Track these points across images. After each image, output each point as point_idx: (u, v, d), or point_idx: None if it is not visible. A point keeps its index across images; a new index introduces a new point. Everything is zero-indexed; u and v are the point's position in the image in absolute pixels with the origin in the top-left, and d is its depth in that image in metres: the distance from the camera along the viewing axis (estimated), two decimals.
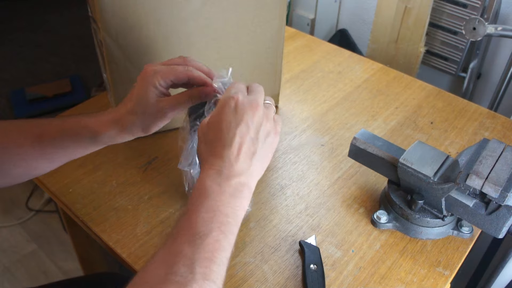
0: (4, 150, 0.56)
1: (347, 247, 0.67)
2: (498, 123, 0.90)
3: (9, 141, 0.56)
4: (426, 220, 0.66)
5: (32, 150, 0.56)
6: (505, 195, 0.56)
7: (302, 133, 0.87)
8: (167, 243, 0.44)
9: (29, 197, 1.78)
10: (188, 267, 0.41)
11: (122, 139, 0.59)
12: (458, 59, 1.30)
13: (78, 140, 0.57)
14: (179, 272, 0.41)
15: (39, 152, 0.56)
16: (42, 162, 0.58)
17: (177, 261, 0.41)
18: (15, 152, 0.56)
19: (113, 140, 0.58)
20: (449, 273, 0.64)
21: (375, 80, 1.01)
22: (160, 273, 0.41)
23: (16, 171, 0.58)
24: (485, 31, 1.01)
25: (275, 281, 0.62)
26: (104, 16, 0.67)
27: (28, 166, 0.58)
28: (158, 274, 0.41)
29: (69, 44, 1.72)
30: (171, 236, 0.45)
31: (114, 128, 0.56)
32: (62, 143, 0.57)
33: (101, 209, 0.71)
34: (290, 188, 0.76)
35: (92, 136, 0.57)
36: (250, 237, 0.68)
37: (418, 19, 1.26)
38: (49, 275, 1.54)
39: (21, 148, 0.56)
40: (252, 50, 0.81)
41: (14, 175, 0.58)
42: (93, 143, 0.58)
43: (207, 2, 0.71)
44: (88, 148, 0.59)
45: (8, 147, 0.56)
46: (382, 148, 0.69)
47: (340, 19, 1.58)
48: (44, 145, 0.56)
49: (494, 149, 0.62)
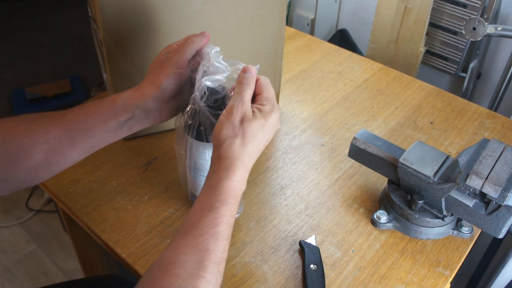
0: (30, 136, 0.53)
1: (347, 247, 0.67)
2: (498, 123, 0.90)
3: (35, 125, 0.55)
4: (426, 220, 0.66)
5: (55, 128, 0.54)
6: (505, 195, 0.56)
7: (302, 133, 0.87)
8: (190, 234, 0.47)
9: (29, 197, 1.78)
10: (214, 267, 0.46)
11: (142, 125, 0.59)
12: (458, 59, 1.30)
13: (99, 118, 0.56)
14: (208, 270, 0.45)
15: (63, 130, 0.54)
16: (64, 143, 0.55)
17: (206, 258, 0.45)
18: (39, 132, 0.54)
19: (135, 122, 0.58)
20: (449, 273, 0.64)
21: (375, 80, 1.01)
22: (190, 266, 0.45)
23: (39, 155, 0.54)
24: (485, 31, 1.01)
25: (275, 281, 0.62)
26: (104, 16, 0.67)
27: (50, 148, 0.54)
28: (189, 267, 0.44)
29: (69, 44, 1.72)
30: (194, 227, 0.48)
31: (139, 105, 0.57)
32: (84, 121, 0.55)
33: (101, 209, 0.71)
34: (290, 188, 0.76)
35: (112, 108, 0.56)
36: (250, 237, 0.68)
37: (418, 19, 1.26)
38: (49, 275, 1.54)
39: (45, 128, 0.54)
40: (252, 50, 0.81)
41: (36, 161, 0.54)
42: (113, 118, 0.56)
43: (207, 2, 0.71)
44: (109, 129, 0.56)
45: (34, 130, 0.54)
46: (382, 148, 0.69)
47: (340, 19, 1.58)
48: (67, 123, 0.54)
49: (494, 149, 0.62)
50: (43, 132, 0.54)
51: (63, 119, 0.55)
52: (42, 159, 0.54)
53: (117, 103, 0.56)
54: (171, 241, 0.48)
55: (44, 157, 0.54)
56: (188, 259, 0.45)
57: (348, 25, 1.56)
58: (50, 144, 0.54)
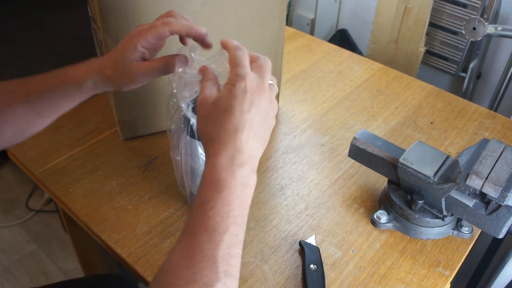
0: None
1: (347, 247, 0.67)
2: (498, 123, 0.90)
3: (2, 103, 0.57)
4: (426, 220, 0.66)
5: (21, 107, 0.57)
6: (505, 195, 0.56)
7: (302, 133, 0.87)
8: (184, 238, 0.44)
9: (29, 197, 1.78)
10: (212, 266, 0.42)
11: (105, 89, 0.59)
12: (458, 59, 1.30)
13: (64, 91, 0.57)
14: (204, 272, 0.41)
15: (29, 108, 0.58)
16: (33, 118, 0.59)
17: (200, 260, 0.42)
18: (7, 111, 0.57)
19: (97, 87, 0.58)
20: (449, 273, 0.64)
21: (375, 80, 1.01)
22: (185, 272, 0.41)
23: (10, 131, 0.59)
24: (485, 31, 1.01)
25: (275, 281, 0.62)
26: (104, 16, 0.67)
27: (20, 124, 0.59)
28: (183, 274, 0.41)
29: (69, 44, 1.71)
30: (188, 231, 0.44)
31: (96, 76, 0.57)
32: (50, 96, 0.57)
33: (101, 209, 0.71)
34: (290, 188, 0.76)
35: (77, 84, 0.57)
36: (250, 237, 0.68)
37: (418, 19, 1.26)
38: (49, 275, 1.54)
39: (11, 107, 0.57)
40: (252, 50, 0.80)
41: (9, 135, 0.59)
42: (79, 92, 0.58)
43: (207, 2, 0.71)
44: (75, 98, 0.59)
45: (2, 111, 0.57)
46: (382, 148, 0.69)
47: (340, 19, 1.58)
48: (32, 101, 0.57)
49: (494, 149, 0.62)
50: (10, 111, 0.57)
51: (29, 97, 0.57)
52: (14, 133, 0.59)
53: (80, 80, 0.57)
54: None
55: (16, 131, 0.59)
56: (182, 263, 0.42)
57: (348, 25, 1.56)
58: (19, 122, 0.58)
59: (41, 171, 0.77)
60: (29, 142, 0.82)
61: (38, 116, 0.59)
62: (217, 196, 0.45)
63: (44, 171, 0.77)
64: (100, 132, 0.85)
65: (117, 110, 0.79)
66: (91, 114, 0.89)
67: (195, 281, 0.41)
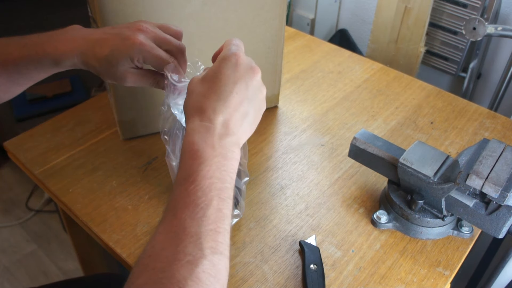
0: None
1: (347, 247, 0.67)
2: (498, 123, 0.90)
3: None
4: (426, 220, 0.66)
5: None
6: (505, 195, 0.56)
7: (302, 133, 0.87)
8: (166, 218, 0.41)
9: (29, 197, 1.78)
10: (196, 243, 0.39)
11: (85, 69, 0.59)
12: (458, 59, 1.30)
13: (40, 65, 0.58)
14: (187, 251, 0.38)
15: (5, 76, 0.59)
16: (10, 86, 0.60)
17: (183, 239, 0.39)
18: None
19: (76, 67, 0.58)
20: (449, 273, 0.64)
21: (375, 80, 1.01)
22: (168, 254, 0.39)
23: None
24: (485, 31, 1.01)
25: (275, 281, 0.62)
26: (104, 16, 0.67)
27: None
28: (166, 256, 0.38)
29: None
30: (170, 211, 0.42)
31: (76, 60, 0.56)
32: (26, 68, 0.58)
33: (101, 209, 0.71)
34: (290, 188, 0.76)
35: (54, 62, 0.57)
36: (250, 237, 0.68)
37: (418, 19, 1.26)
38: (49, 275, 1.54)
39: None
40: (252, 50, 0.81)
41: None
42: (56, 67, 0.58)
43: (207, 2, 0.71)
44: (51, 71, 0.60)
45: None
46: (382, 148, 0.69)
47: (340, 19, 1.58)
48: (9, 71, 0.58)
49: (494, 149, 0.62)
50: None
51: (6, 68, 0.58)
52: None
53: (58, 59, 0.57)
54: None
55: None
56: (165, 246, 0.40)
57: (348, 25, 1.56)
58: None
59: (41, 171, 0.77)
60: (29, 142, 0.83)
61: (15, 84, 0.61)
62: (196, 170, 0.43)
63: (44, 171, 0.77)
64: (100, 132, 0.85)
65: (117, 110, 0.79)
66: (91, 114, 0.89)
67: (178, 261, 0.38)
